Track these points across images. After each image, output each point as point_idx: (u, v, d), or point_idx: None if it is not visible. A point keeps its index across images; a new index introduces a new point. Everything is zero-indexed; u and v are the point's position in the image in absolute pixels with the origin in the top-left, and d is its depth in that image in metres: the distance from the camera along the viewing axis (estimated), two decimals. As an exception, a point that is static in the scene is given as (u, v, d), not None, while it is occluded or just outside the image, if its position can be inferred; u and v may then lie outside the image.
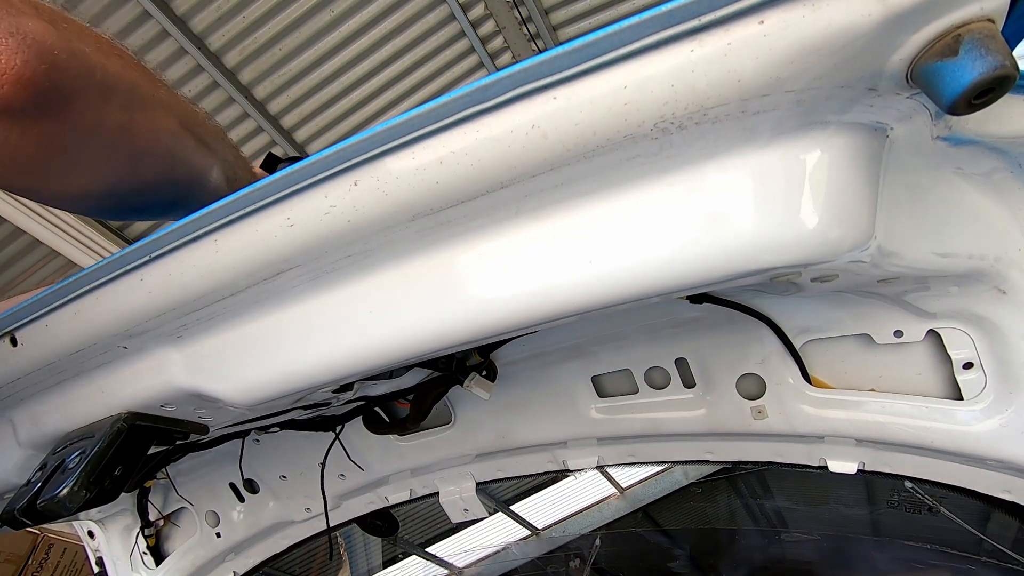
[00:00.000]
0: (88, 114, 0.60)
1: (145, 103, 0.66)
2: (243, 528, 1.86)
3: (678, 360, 1.34)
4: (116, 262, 0.73)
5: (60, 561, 5.34)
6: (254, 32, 4.60)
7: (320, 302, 0.78)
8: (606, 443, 1.54)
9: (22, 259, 4.94)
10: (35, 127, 0.57)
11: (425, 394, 1.41)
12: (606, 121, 0.56)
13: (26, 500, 0.79)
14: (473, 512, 1.76)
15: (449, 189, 0.63)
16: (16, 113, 0.54)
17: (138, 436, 0.89)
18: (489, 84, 0.56)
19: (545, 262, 0.68)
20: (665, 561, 5.16)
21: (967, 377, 1.02)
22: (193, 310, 0.79)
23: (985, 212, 0.83)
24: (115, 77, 0.62)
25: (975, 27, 0.47)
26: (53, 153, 0.60)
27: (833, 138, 0.60)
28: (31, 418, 0.97)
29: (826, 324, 1.14)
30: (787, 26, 0.49)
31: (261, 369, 0.83)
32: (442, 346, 0.75)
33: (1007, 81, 0.46)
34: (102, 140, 0.63)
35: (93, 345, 0.83)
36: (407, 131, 0.60)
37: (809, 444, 1.29)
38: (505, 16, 5.03)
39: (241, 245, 0.70)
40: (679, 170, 0.62)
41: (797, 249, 0.62)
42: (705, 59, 0.51)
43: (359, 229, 0.67)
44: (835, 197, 0.61)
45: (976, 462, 1.10)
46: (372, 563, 7.10)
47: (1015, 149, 0.76)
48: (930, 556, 3.76)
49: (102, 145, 0.64)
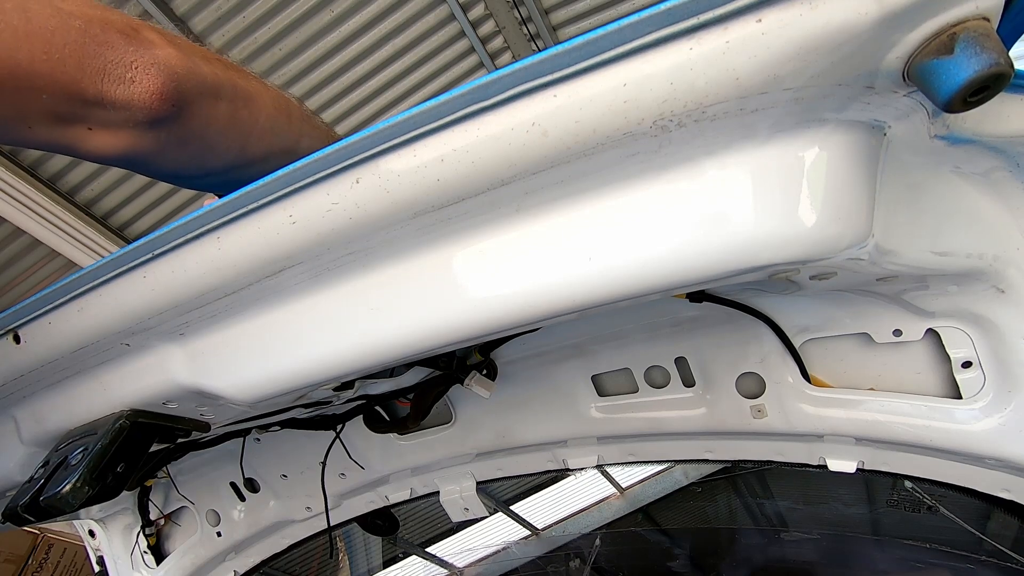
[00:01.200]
0: (205, 111, 0.77)
1: (243, 96, 0.83)
2: (244, 527, 1.86)
3: (678, 359, 1.34)
4: (119, 259, 0.74)
5: (60, 561, 5.34)
6: (254, 32, 4.60)
7: (322, 299, 0.78)
8: (606, 442, 1.54)
9: (22, 259, 4.94)
10: (174, 129, 0.75)
11: (425, 393, 1.41)
12: (606, 119, 0.56)
13: (29, 497, 0.80)
14: (473, 511, 1.77)
15: (450, 186, 0.63)
16: (163, 121, 0.73)
17: (140, 433, 0.89)
18: (490, 82, 0.56)
19: (545, 259, 0.68)
20: (665, 561, 5.16)
21: (966, 376, 1.03)
22: (195, 307, 0.79)
23: (983, 211, 0.83)
24: (219, 79, 0.79)
25: (970, 25, 0.48)
26: (187, 145, 0.78)
27: (831, 136, 0.60)
28: (34, 415, 0.97)
29: (825, 323, 1.14)
30: (785, 25, 0.49)
31: (263, 366, 0.83)
32: (443, 343, 0.76)
33: (1002, 79, 0.46)
34: (217, 130, 0.80)
35: (96, 342, 0.84)
36: (408, 129, 0.60)
37: (808, 443, 1.29)
38: (505, 16, 5.04)
39: (243, 242, 0.70)
40: (678, 167, 0.62)
41: (795, 246, 0.62)
42: (704, 57, 0.52)
43: (361, 226, 0.68)
44: (833, 194, 0.61)
45: (975, 461, 1.10)
46: (372, 563, 7.10)
47: (1013, 148, 0.76)
48: (929, 555, 3.76)
49: (218, 133, 0.81)
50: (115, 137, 0.72)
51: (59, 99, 0.66)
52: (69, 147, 0.72)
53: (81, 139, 0.71)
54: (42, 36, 0.63)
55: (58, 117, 0.68)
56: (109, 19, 0.70)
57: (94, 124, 0.70)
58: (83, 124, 0.70)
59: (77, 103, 0.67)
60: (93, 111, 0.69)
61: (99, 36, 0.67)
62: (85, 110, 0.68)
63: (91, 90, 0.67)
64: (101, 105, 0.69)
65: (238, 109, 0.83)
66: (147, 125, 0.72)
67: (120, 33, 0.70)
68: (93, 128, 0.71)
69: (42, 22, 0.63)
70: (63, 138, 0.71)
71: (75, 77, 0.65)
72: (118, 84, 0.68)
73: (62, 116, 0.68)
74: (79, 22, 0.66)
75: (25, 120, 0.66)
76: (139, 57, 0.70)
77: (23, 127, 0.67)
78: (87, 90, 0.67)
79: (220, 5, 4.41)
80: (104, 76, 0.67)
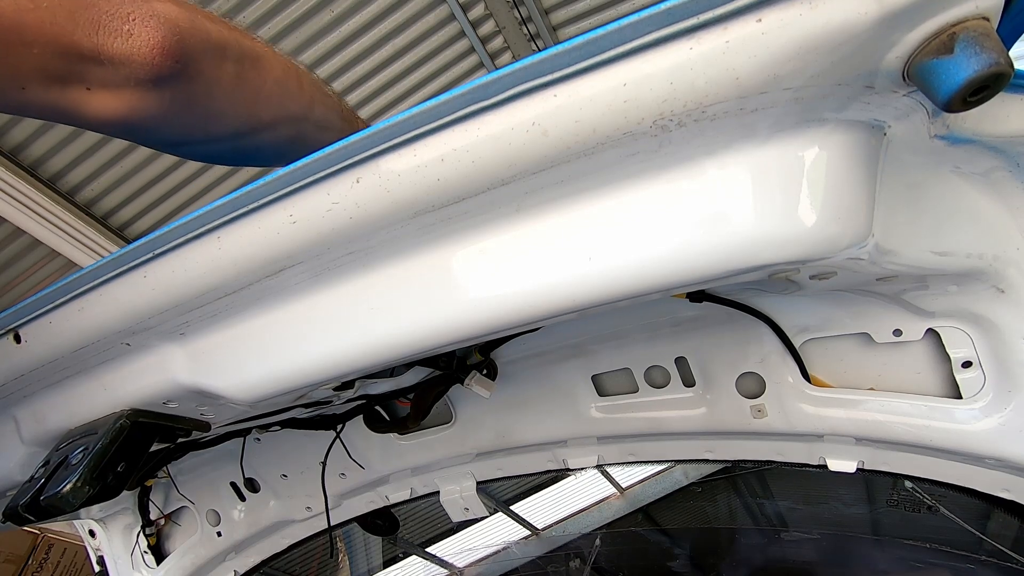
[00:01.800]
0: (210, 71, 0.73)
1: (250, 56, 0.80)
2: (244, 527, 1.87)
3: (678, 359, 1.34)
4: (120, 259, 0.74)
5: (60, 561, 5.34)
6: (254, 32, 4.61)
7: (322, 299, 0.78)
8: (606, 442, 1.54)
9: (22, 259, 4.94)
10: (178, 89, 0.71)
11: (426, 393, 1.41)
12: (606, 118, 0.56)
13: (30, 496, 0.80)
14: (473, 511, 1.77)
15: (450, 186, 0.63)
16: (165, 79, 0.68)
17: (141, 433, 0.89)
18: (490, 82, 0.56)
19: (546, 259, 0.69)
20: (665, 560, 5.16)
21: (966, 376, 1.03)
22: (196, 307, 0.79)
23: (983, 211, 0.83)
24: (224, 38, 0.76)
25: (970, 25, 0.48)
26: (193, 107, 0.74)
27: (831, 135, 0.60)
28: (34, 415, 0.97)
29: (825, 323, 1.14)
30: (784, 24, 0.49)
31: (263, 366, 0.83)
32: (443, 342, 0.76)
33: (1002, 78, 0.47)
34: (224, 90, 0.76)
35: (96, 342, 0.84)
36: (408, 128, 0.60)
37: (809, 443, 1.29)
38: (505, 16, 5.04)
39: (244, 242, 0.70)
40: (678, 167, 0.62)
41: (795, 246, 0.62)
42: (704, 57, 0.52)
43: (361, 226, 0.68)
44: (833, 194, 0.61)
45: (975, 460, 1.10)
46: (372, 563, 7.10)
47: (1013, 148, 0.76)
48: (929, 555, 3.76)
49: (225, 95, 0.77)
50: (117, 98, 0.68)
51: (51, 53, 0.61)
52: (68, 111, 0.68)
53: (81, 101, 0.67)
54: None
55: (53, 76, 0.64)
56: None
57: (93, 83, 0.66)
58: (81, 83, 0.66)
59: (72, 58, 0.63)
60: (90, 68, 0.65)
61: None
62: (82, 66, 0.64)
63: (86, 43, 0.63)
64: (98, 61, 0.64)
65: (245, 69, 0.79)
66: (150, 83, 0.68)
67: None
68: (92, 88, 0.66)
69: None
70: (61, 100, 0.66)
71: (67, 29, 0.61)
72: (115, 37, 0.64)
73: (57, 74, 0.64)
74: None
75: (17, 79, 0.62)
76: (136, 9, 0.66)
77: (15, 88, 0.63)
78: (82, 43, 0.63)
79: (220, 5, 4.41)
80: (99, 28, 0.63)
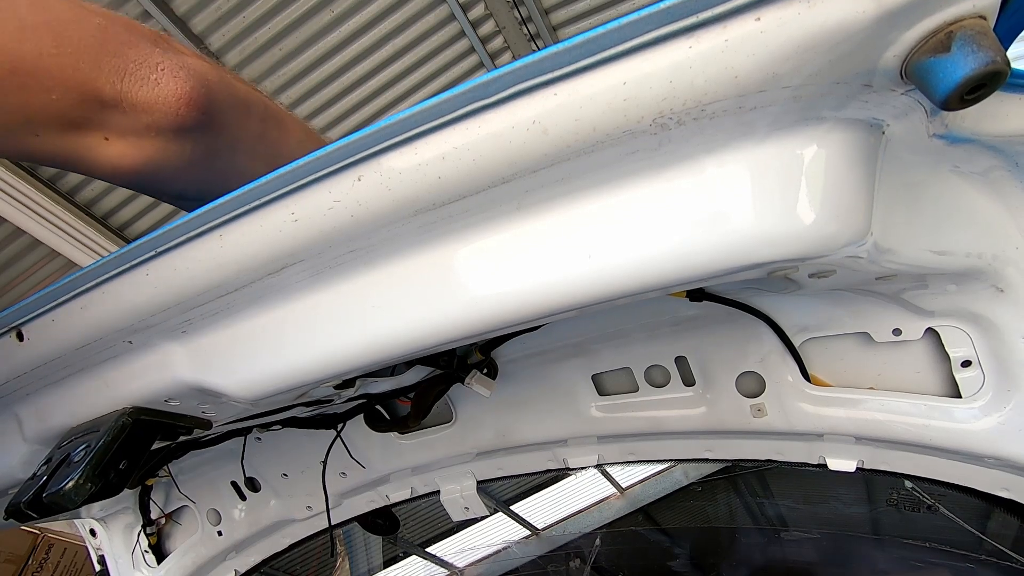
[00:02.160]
0: (235, 126, 0.74)
1: (274, 117, 0.81)
2: (244, 526, 1.87)
3: (678, 358, 1.34)
4: (122, 257, 0.74)
5: (60, 561, 5.35)
6: (254, 32, 4.61)
7: (323, 297, 0.78)
8: (606, 441, 1.54)
9: (22, 259, 4.95)
10: (200, 141, 0.71)
11: (426, 392, 1.41)
12: (606, 117, 0.56)
13: (32, 493, 0.80)
14: (474, 510, 1.77)
15: (451, 184, 0.64)
16: (190, 129, 0.68)
17: (142, 431, 0.89)
18: (491, 80, 0.57)
19: (546, 256, 0.69)
20: (665, 560, 5.16)
21: (965, 375, 1.03)
22: (197, 305, 0.79)
23: (982, 210, 0.83)
24: (249, 96, 0.77)
25: (967, 24, 0.48)
26: (215, 160, 0.74)
27: (830, 134, 0.60)
28: (36, 413, 0.97)
29: (825, 322, 1.14)
30: (783, 23, 0.49)
31: (264, 364, 0.83)
32: (444, 340, 0.76)
33: (998, 77, 0.47)
34: (246, 146, 0.77)
35: (99, 340, 0.84)
36: (410, 127, 0.61)
37: (808, 442, 1.30)
38: (505, 16, 5.04)
39: (246, 240, 0.70)
40: (678, 165, 0.62)
41: (794, 243, 0.62)
42: (703, 56, 0.52)
43: (362, 224, 0.68)
44: (832, 192, 0.61)
45: (974, 460, 1.11)
46: (372, 563, 7.09)
47: (1012, 148, 0.77)
48: (929, 555, 3.76)
49: (246, 150, 0.77)
50: (134, 147, 0.66)
51: (71, 100, 0.60)
52: (82, 159, 0.66)
53: (96, 149, 0.65)
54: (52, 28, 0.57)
55: (70, 123, 0.62)
56: (134, 24, 0.66)
57: (111, 132, 0.64)
58: (99, 131, 0.64)
59: (92, 105, 0.61)
60: (110, 115, 0.63)
61: (121, 35, 0.62)
62: (101, 114, 0.62)
63: (108, 90, 0.61)
64: (120, 108, 0.63)
65: (268, 129, 0.79)
66: (172, 133, 0.67)
67: (146, 37, 0.65)
68: (110, 137, 0.64)
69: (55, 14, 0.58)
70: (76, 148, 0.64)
71: (90, 75, 0.60)
72: (141, 84, 0.63)
73: (74, 121, 0.62)
74: (100, 19, 0.61)
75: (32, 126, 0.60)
76: (166, 59, 0.65)
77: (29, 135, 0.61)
78: (104, 90, 0.61)
79: (220, 5, 4.41)
80: (125, 75, 0.62)
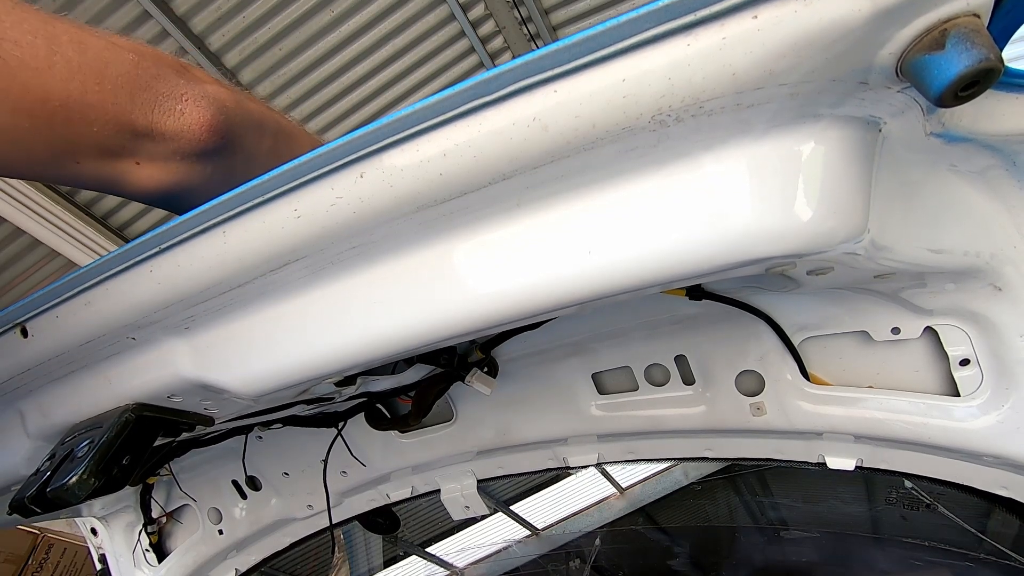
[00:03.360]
0: (250, 145, 0.81)
1: (285, 132, 0.88)
2: (245, 525, 1.87)
3: (678, 357, 1.35)
4: (126, 253, 0.74)
5: (60, 561, 5.35)
6: (254, 32, 4.62)
7: (325, 293, 0.79)
8: (606, 440, 1.55)
9: (22, 259, 4.96)
10: (222, 162, 0.77)
11: (427, 390, 1.42)
12: (605, 114, 0.57)
13: (36, 488, 0.80)
14: (474, 509, 1.77)
15: (452, 181, 0.64)
16: (210, 153, 0.75)
17: (145, 427, 0.90)
18: (492, 78, 0.57)
19: (546, 253, 0.69)
20: (665, 560, 5.16)
21: (964, 374, 1.03)
22: (200, 301, 0.80)
23: (980, 209, 0.83)
24: (264, 115, 0.84)
25: (961, 22, 0.49)
26: (232, 177, 0.78)
27: (827, 131, 0.61)
28: (40, 409, 0.98)
29: (824, 321, 1.14)
30: (780, 21, 0.50)
31: (267, 360, 0.84)
32: (445, 336, 0.76)
33: (992, 74, 0.47)
34: (260, 162, 0.82)
35: (102, 336, 0.84)
36: (411, 124, 0.61)
37: (808, 440, 1.30)
38: (505, 16, 5.05)
39: (249, 236, 0.71)
40: (676, 162, 0.63)
41: (792, 239, 0.63)
42: (701, 53, 0.52)
43: (364, 220, 0.68)
44: (829, 188, 0.62)
45: (973, 458, 1.11)
46: (373, 563, 7.09)
47: (1009, 147, 0.77)
48: (928, 553, 3.76)
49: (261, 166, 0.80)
50: (162, 170, 0.73)
51: (109, 131, 0.67)
52: (116, 182, 0.72)
53: (129, 173, 0.72)
54: (95, 68, 0.64)
55: (107, 150, 0.68)
56: (161, 56, 0.72)
57: (142, 158, 0.71)
58: (131, 158, 0.70)
59: (127, 135, 0.68)
60: (142, 143, 0.70)
61: (151, 69, 0.69)
62: (135, 142, 0.69)
63: (141, 121, 0.68)
64: (151, 137, 0.70)
65: (280, 144, 0.85)
66: (195, 157, 0.74)
67: (171, 68, 0.72)
68: (141, 162, 0.71)
69: (96, 54, 0.64)
70: (111, 172, 0.71)
71: (127, 108, 0.67)
72: (168, 115, 0.70)
73: (111, 149, 0.69)
74: (132, 56, 0.68)
75: (75, 154, 0.67)
76: (190, 90, 0.72)
77: (71, 162, 0.67)
78: (137, 121, 0.68)
79: (220, 5, 4.42)
80: (155, 107, 0.69)
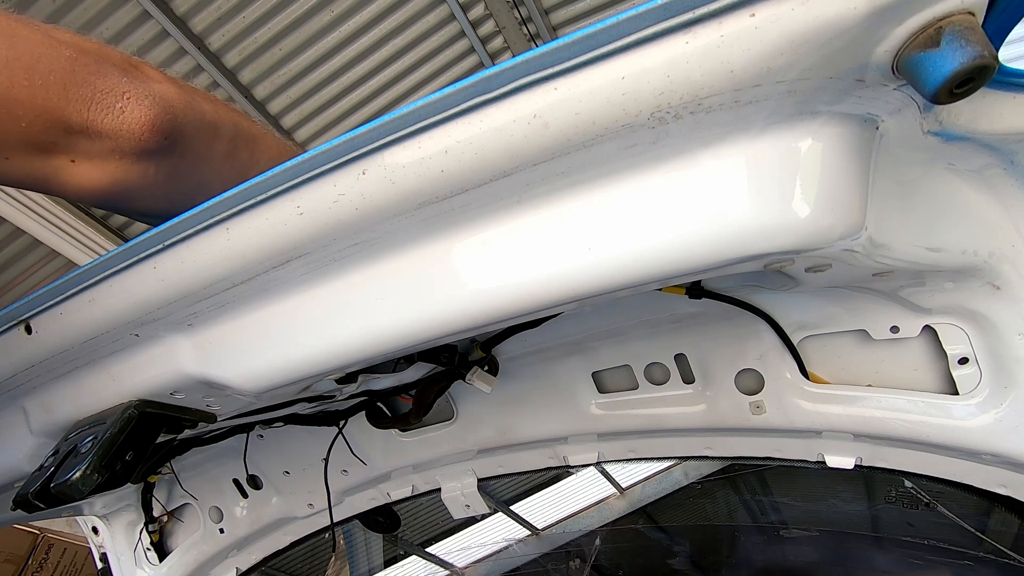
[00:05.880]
0: (201, 148, 0.78)
1: (245, 136, 0.85)
2: (246, 524, 1.87)
3: (677, 356, 1.35)
4: (130, 250, 0.75)
5: (60, 561, 5.34)
6: (254, 32, 4.62)
7: (327, 289, 0.79)
8: (606, 439, 1.55)
9: (22, 259, 4.96)
10: (166, 162, 0.75)
11: (428, 389, 1.42)
12: (605, 111, 0.57)
13: (40, 484, 0.81)
14: (474, 508, 1.78)
15: (454, 178, 0.65)
16: (153, 153, 0.72)
17: (148, 423, 0.90)
18: (493, 75, 0.58)
19: (546, 249, 0.70)
20: (665, 559, 5.16)
21: (962, 372, 1.04)
22: (203, 298, 0.80)
23: (978, 208, 0.84)
24: (220, 118, 0.80)
25: (956, 20, 0.50)
26: (179, 181, 0.78)
27: (824, 128, 0.61)
28: (43, 406, 0.98)
29: (823, 320, 1.15)
30: (777, 19, 0.51)
31: (269, 356, 0.84)
32: (446, 332, 0.77)
33: (986, 71, 0.48)
34: (213, 167, 0.80)
35: (106, 333, 0.85)
36: (413, 121, 0.62)
37: (807, 439, 1.30)
38: (505, 16, 5.05)
39: (252, 233, 0.71)
40: (675, 158, 0.63)
41: (789, 235, 0.63)
42: (699, 51, 0.53)
43: (366, 217, 0.69)
44: (827, 185, 0.62)
45: (972, 457, 1.11)
46: (373, 562, 7.09)
47: (1007, 146, 0.77)
48: (927, 552, 3.76)
49: (213, 171, 0.81)
50: (99, 169, 0.70)
51: (39, 126, 0.64)
52: (49, 180, 0.69)
53: (62, 171, 0.69)
54: (24, 62, 0.61)
55: (38, 147, 0.66)
56: (105, 53, 0.70)
57: (77, 155, 0.68)
58: (65, 155, 0.68)
59: (59, 131, 0.65)
60: (77, 141, 0.67)
61: (91, 66, 0.66)
62: (68, 139, 0.67)
63: (76, 118, 0.66)
64: (86, 134, 0.67)
65: (238, 149, 0.83)
66: (135, 156, 0.71)
67: (115, 66, 0.69)
68: (76, 160, 0.68)
69: (28, 48, 0.62)
70: (43, 169, 0.68)
71: (58, 104, 0.64)
72: (106, 113, 0.67)
73: (42, 145, 0.66)
74: (70, 51, 0.65)
75: (2, 149, 0.64)
76: (133, 88, 0.69)
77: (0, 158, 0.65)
78: (71, 118, 0.65)
79: (220, 5, 4.42)
80: (92, 104, 0.66)
